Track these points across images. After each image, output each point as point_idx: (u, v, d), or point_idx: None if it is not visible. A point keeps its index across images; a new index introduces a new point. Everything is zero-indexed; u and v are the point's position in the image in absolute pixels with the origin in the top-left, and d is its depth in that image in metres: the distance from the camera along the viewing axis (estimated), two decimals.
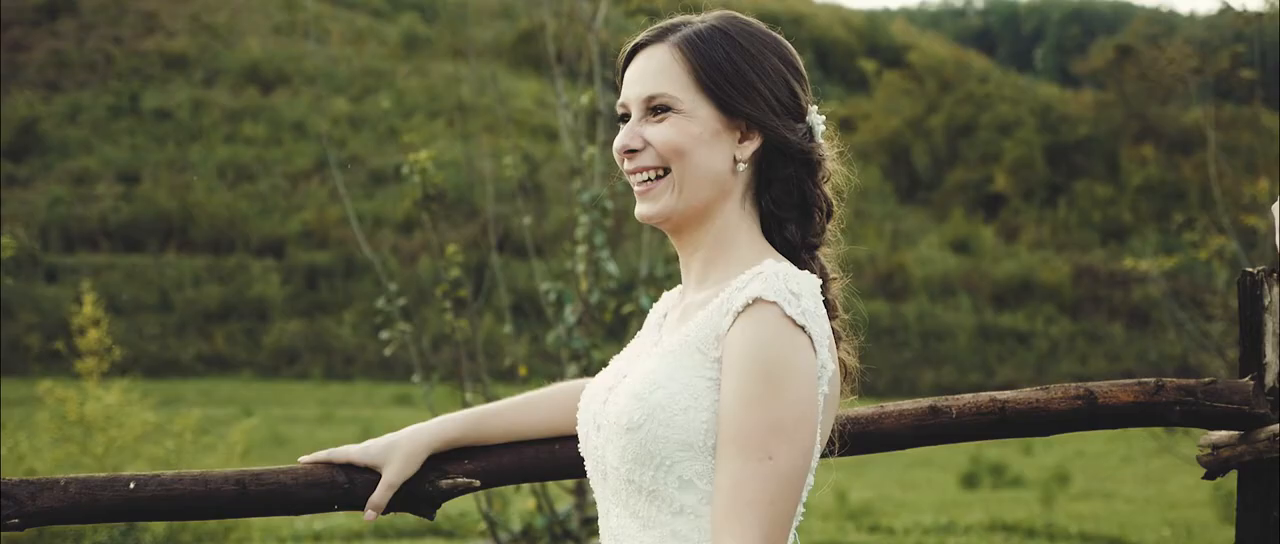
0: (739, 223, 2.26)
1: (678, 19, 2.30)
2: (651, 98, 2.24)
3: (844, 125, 46.96)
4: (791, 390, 2.08)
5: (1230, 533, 15.90)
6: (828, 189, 2.31)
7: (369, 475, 2.54)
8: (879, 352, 33.06)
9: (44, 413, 10.73)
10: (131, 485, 2.47)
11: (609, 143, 8.76)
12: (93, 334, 11.01)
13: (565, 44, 9.42)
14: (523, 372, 9.16)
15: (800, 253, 2.26)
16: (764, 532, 2.06)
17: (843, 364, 2.29)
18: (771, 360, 2.08)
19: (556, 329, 8.79)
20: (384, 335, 8.71)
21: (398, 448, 2.54)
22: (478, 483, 2.59)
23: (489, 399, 8.84)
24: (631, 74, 2.28)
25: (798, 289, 2.11)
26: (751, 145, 2.24)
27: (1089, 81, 46.35)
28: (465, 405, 8.79)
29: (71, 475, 2.48)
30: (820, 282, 2.20)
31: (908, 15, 70.70)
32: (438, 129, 35.84)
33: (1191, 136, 34.82)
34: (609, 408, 2.23)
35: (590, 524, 9.27)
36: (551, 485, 8.79)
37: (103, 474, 2.50)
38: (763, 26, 2.30)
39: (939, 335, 34.21)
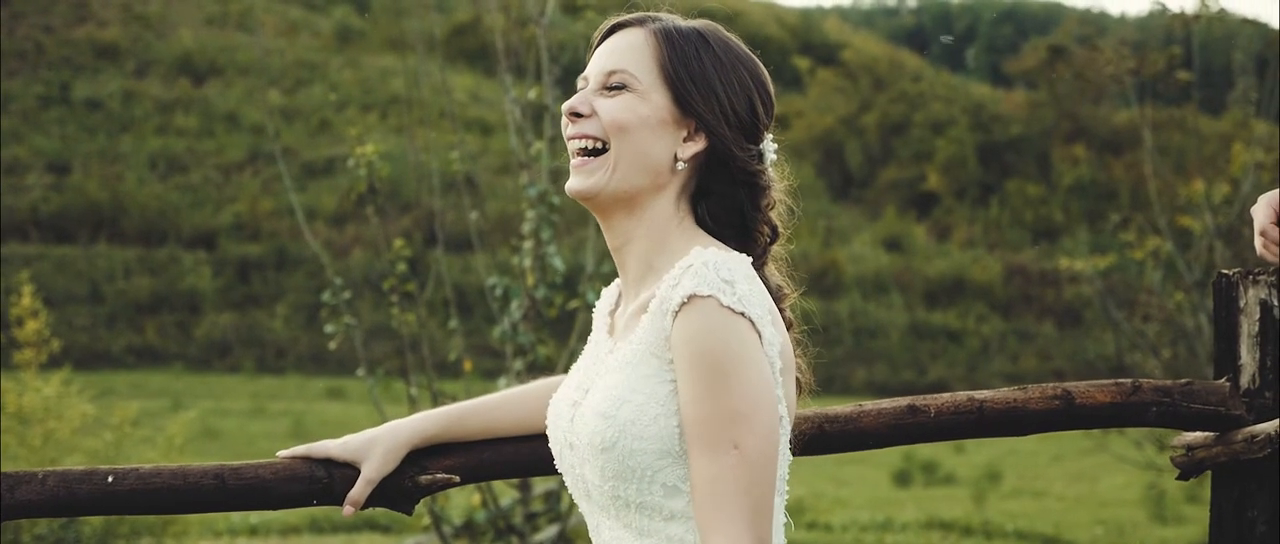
0: (669, 220, 2.26)
1: (665, 14, 2.32)
2: (613, 72, 2.27)
3: (777, 123, 47.45)
4: (743, 378, 2.09)
5: (1162, 532, 16.13)
6: (773, 216, 2.31)
7: (348, 470, 2.53)
8: (811, 349, 33.21)
9: None
10: (109, 479, 2.45)
11: (557, 138, 8.76)
12: (31, 325, 10.89)
13: (512, 39, 9.41)
14: (467, 366, 9.13)
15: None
16: (747, 520, 2.08)
17: (799, 383, 2.32)
18: (716, 353, 2.08)
19: (502, 324, 8.78)
20: (329, 329, 8.65)
21: (377, 444, 2.53)
22: (458, 479, 2.58)
23: (434, 394, 8.81)
24: (602, 48, 2.31)
25: (729, 276, 2.11)
26: (695, 146, 2.25)
27: (1021, 81, 46.76)
28: (410, 399, 8.75)
29: (49, 469, 2.46)
30: (751, 259, 2.21)
31: (841, 13, 71.02)
32: (371, 122, 35.66)
33: (1123, 137, 35.24)
34: (578, 427, 2.23)
35: (534, 519, 9.26)
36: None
37: (81, 467, 2.48)
38: (742, 45, 2.32)
39: (871, 333, 34.42)
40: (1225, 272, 2.63)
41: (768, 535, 2.10)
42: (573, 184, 2.29)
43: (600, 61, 2.29)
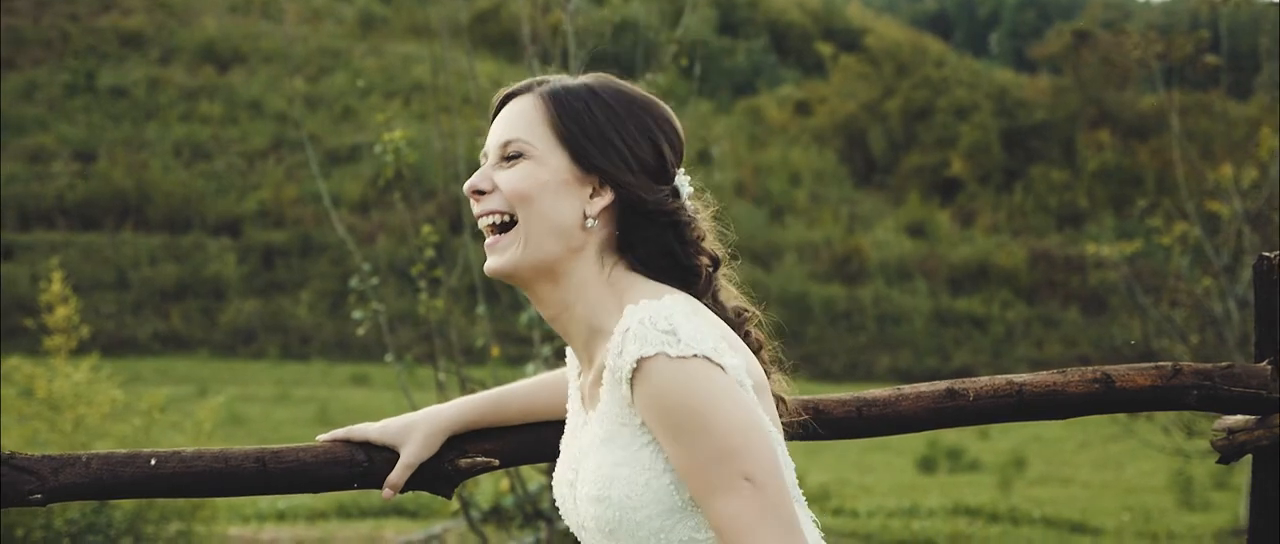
0: (597, 278, 2.24)
1: (553, 77, 2.32)
2: (507, 142, 2.25)
3: (800, 109, 46.76)
4: (721, 416, 2.08)
5: (1189, 518, 16.09)
6: (709, 245, 2.28)
7: (388, 454, 2.55)
8: (835, 335, 33.18)
9: (10, 390, 10.67)
10: (152, 462, 2.47)
11: None
12: (61, 311, 10.95)
13: (537, 24, 9.40)
14: (494, 352, 9.15)
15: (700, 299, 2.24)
16: (783, 541, 2.09)
17: (779, 397, 2.29)
18: (686, 406, 2.07)
19: (528, 309, 8.80)
20: (356, 315, 8.68)
21: (416, 429, 2.54)
22: (497, 462, 2.59)
23: (461, 380, 8.84)
24: (496, 121, 2.30)
25: (668, 325, 2.09)
26: (602, 201, 2.23)
27: (1045, 66, 46.59)
28: (438, 385, 8.78)
29: (92, 452, 2.48)
30: (705, 290, 2.20)
31: None
32: (395, 109, 35.69)
33: (1148, 122, 35.09)
34: (582, 512, 2.24)
35: None
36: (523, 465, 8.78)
37: (124, 450, 2.50)
38: (638, 90, 2.30)
39: (895, 319, 34.36)
40: (1267, 254, 2.63)
41: None
42: (489, 265, 2.28)
43: (495, 134, 2.28)
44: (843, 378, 30.96)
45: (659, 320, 2.09)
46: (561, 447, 2.37)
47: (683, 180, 2.29)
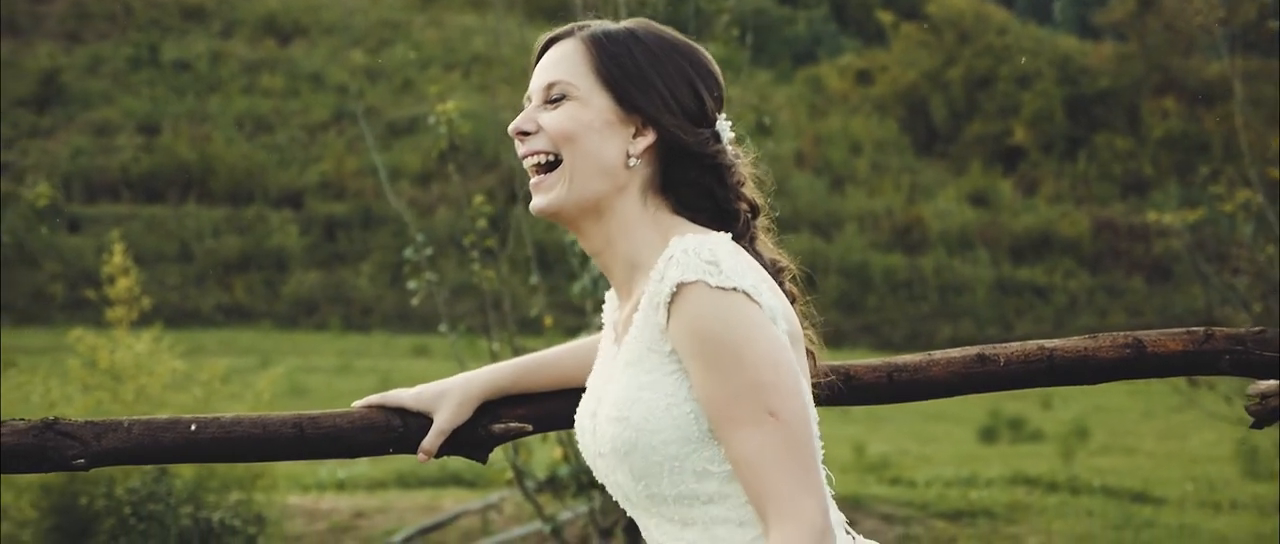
0: (641, 216, 2.29)
1: (594, 21, 2.37)
2: (551, 85, 2.31)
3: (861, 78, 46.50)
4: (755, 348, 2.11)
5: (1254, 488, 15.96)
6: (748, 192, 2.33)
7: (423, 420, 2.59)
8: (896, 305, 33.04)
9: (74, 361, 10.84)
10: (192, 427, 2.52)
11: None
12: (122, 283, 11.11)
13: None
14: (548, 322, 9.20)
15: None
16: (802, 481, 2.11)
17: (810, 355, 2.32)
18: (722, 333, 2.11)
19: (582, 279, 8.84)
20: (411, 286, 8.75)
21: (450, 395, 2.58)
22: (530, 427, 2.63)
23: (515, 350, 8.89)
24: (539, 65, 2.35)
25: (712, 256, 2.14)
26: (644, 141, 2.28)
27: (1109, 33, 46.08)
28: (492, 356, 8.84)
29: (134, 418, 2.53)
30: (732, 236, 2.23)
31: None
32: (454, 81, 35.79)
33: (1214, 89, 34.65)
34: (600, 439, 2.28)
35: None
36: None
37: (164, 416, 2.55)
38: (678, 36, 2.35)
39: (957, 289, 34.17)
40: None
41: (822, 493, 2.13)
42: (535, 204, 2.34)
43: (539, 78, 2.34)
44: (904, 348, 30.82)
45: (703, 251, 2.14)
46: (587, 386, 2.40)
47: (724, 126, 2.34)
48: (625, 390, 2.22)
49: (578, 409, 2.40)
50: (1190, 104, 37.16)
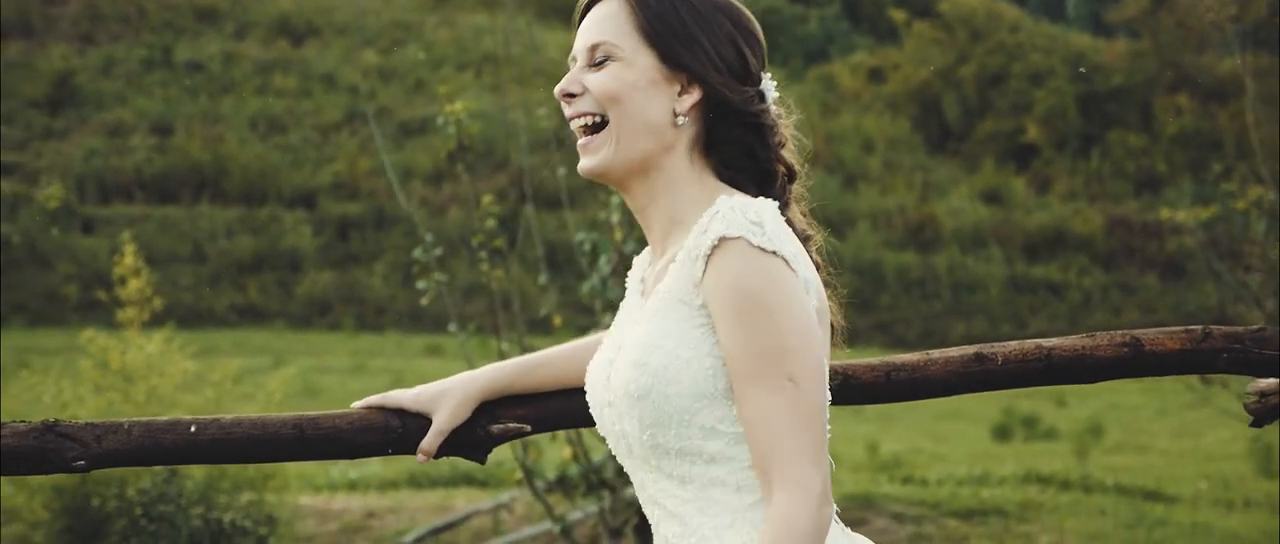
0: (687, 173, 2.29)
1: None
2: (595, 46, 2.30)
3: (874, 76, 46.47)
4: (785, 312, 2.13)
5: (1268, 486, 15.90)
6: (787, 155, 2.34)
7: (422, 420, 2.59)
8: (909, 303, 33.00)
9: (86, 361, 10.87)
10: (192, 429, 2.53)
11: None
12: (134, 284, 11.14)
13: None
14: (557, 322, 9.21)
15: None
16: (810, 453, 2.11)
17: (832, 327, 2.32)
18: (756, 291, 2.12)
19: (591, 279, 8.84)
20: (420, 285, 8.76)
21: (449, 395, 2.59)
22: (529, 428, 2.63)
23: (524, 350, 8.90)
24: (583, 26, 2.35)
25: (758, 218, 2.16)
26: (690, 98, 2.28)
27: (1122, 30, 45.97)
28: (501, 356, 8.85)
29: (135, 419, 2.54)
30: (779, 205, 2.24)
31: None
32: (466, 81, 35.82)
33: (1227, 86, 34.55)
34: (614, 383, 2.28)
35: (625, 474, 9.34)
36: (587, 434, 8.87)
37: (165, 418, 2.56)
38: None
39: (970, 287, 34.13)
40: None
41: (826, 468, 2.13)
42: (583, 165, 2.34)
43: (582, 38, 2.34)
44: (917, 346, 30.77)
45: (749, 211, 2.16)
46: (605, 337, 2.41)
47: (769, 84, 2.34)
48: (649, 336, 2.22)
49: (591, 363, 2.41)
50: (1203, 101, 37.07)
